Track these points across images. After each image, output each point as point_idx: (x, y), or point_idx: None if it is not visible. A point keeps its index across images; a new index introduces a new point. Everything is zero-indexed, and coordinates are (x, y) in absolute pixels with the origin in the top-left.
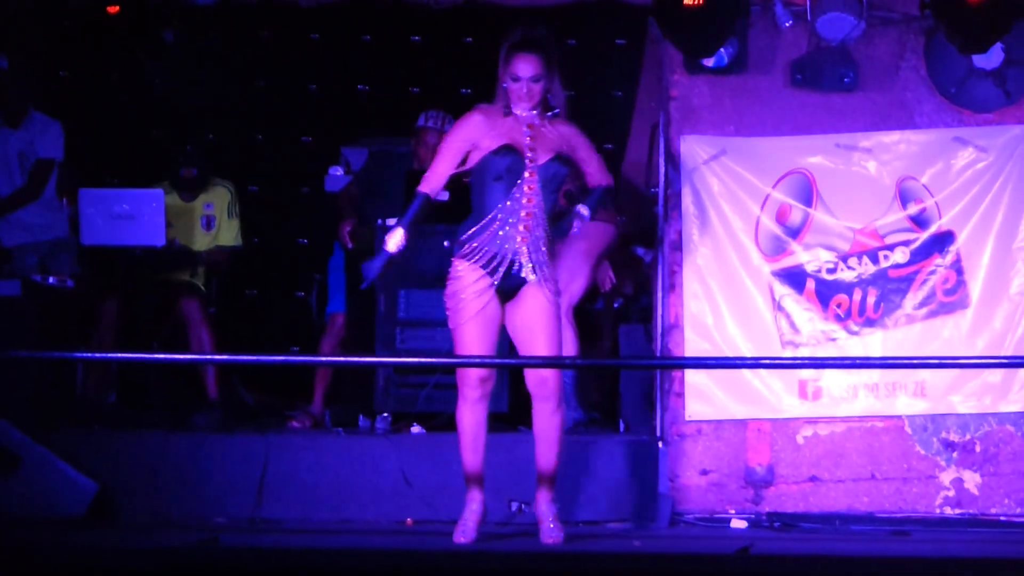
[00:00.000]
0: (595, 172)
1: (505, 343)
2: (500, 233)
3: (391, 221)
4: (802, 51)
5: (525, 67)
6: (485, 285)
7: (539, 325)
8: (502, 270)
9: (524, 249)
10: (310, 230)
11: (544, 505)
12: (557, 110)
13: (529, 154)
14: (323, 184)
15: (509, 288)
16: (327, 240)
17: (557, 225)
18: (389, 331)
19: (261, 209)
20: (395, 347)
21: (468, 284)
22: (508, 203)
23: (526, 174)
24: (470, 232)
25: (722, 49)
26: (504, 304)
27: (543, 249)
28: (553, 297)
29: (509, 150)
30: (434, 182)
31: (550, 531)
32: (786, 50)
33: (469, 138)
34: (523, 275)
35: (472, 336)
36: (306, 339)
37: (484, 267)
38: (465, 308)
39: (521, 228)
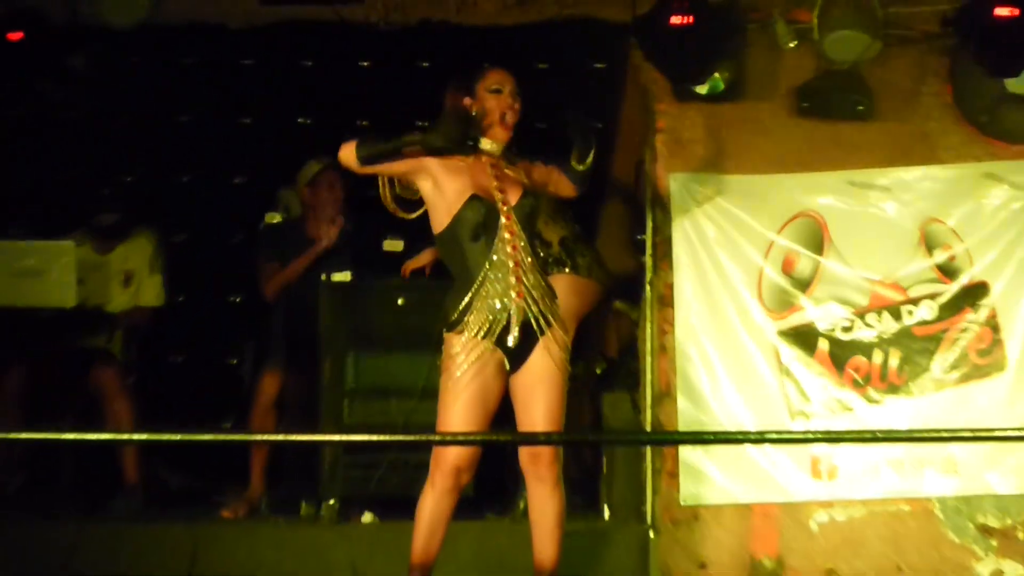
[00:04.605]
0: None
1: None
2: (493, 296)
3: (337, 276)
4: (808, 75)
5: (504, 79)
6: (488, 358)
7: (540, 390)
8: (506, 334)
9: (522, 304)
10: (243, 287)
11: None
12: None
13: (500, 196)
14: (258, 232)
15: (516, 352)
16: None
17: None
18: (336, 402)
19: (187, 262)
20: (342, 420)
21: (467, 360)
22: (494, 259)
23: (503, 221)
24: (462, 305)
25: (716, 73)
26: (510, 374)
27: (541, 296)
28: (561, 355)
29: (479, 201)
30: (368, 168)
31: None
32: (789, 74)
33: (421, 160)
34: (529, 332)
35: (462, 416)
36: (239, 413)
37: (484, 336)
38: (462, 386)
39: (513, 281)
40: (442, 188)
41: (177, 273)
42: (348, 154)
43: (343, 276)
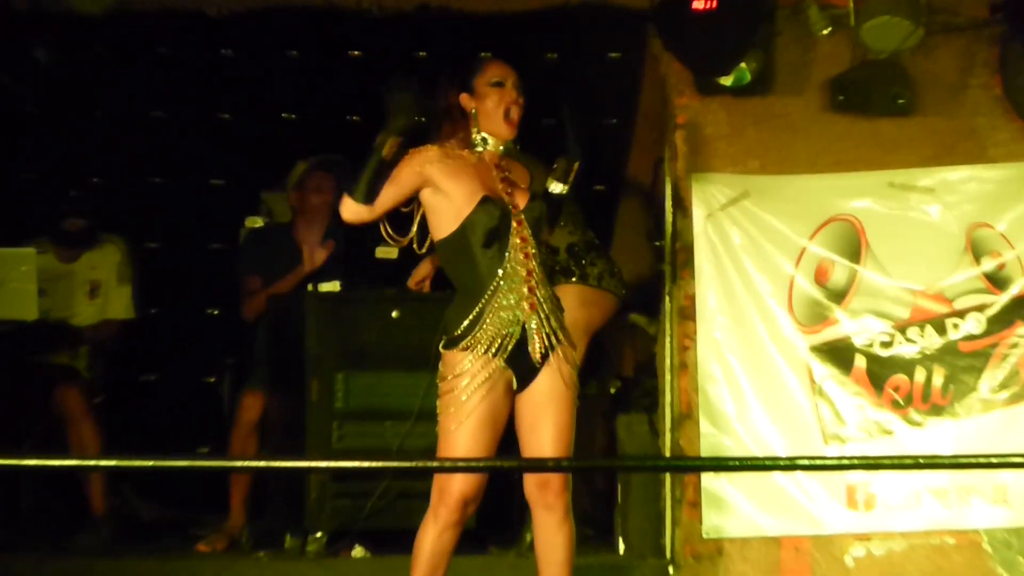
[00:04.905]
0: None
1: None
2: (505, 308)
3: (325, 286)
4: (844, 66)
5: (506, 72)
6: (497, 377)
7: (548, 411)
8: (519, 350)
9: (534, 318)
10: (222, 298)
11: None
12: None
13: (508, 199)
14: (238, 239)
15: (523, 370)
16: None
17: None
18: (324, 424)
19: (160, 272)
20: (331, 445)
21: (476, 381)
22: (507, 267)
23: (515, 225)
24: (469, 319)
25: (742, 64)
26: (517, 393)
27: (552, 310)
28: (571, 373)
29: (492, 204)
30: (379, 206)
31: None
32: (823, 64)
33: (421, 169)
34: (539, 350)
35: (470, 442)
36: (217, 436)
37: (496, 354)
38: (470, 409)
39: (526, 292)
40: (446, 192)
41: (149, 283)
42: (351, 208)
43: (332, 286)
